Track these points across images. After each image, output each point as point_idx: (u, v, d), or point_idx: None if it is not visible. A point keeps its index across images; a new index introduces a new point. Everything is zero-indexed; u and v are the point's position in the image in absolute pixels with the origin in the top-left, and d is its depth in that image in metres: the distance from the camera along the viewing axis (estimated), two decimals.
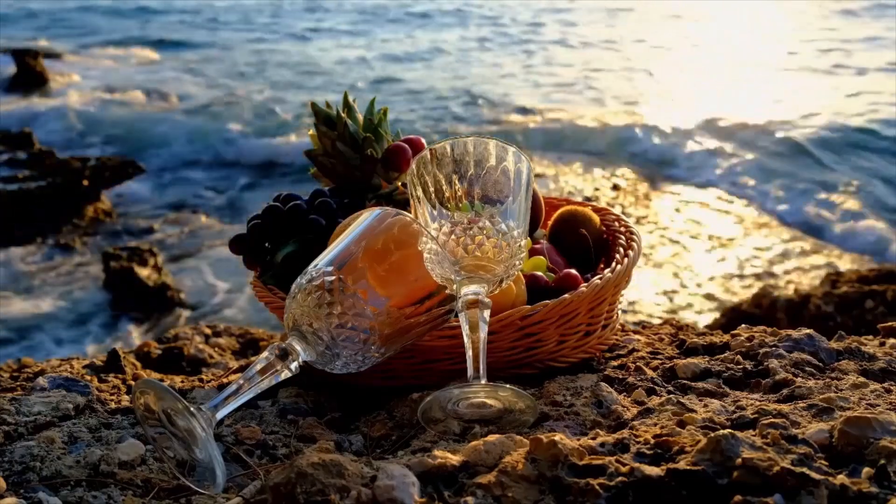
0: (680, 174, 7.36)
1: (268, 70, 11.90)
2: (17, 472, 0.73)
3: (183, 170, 7.84)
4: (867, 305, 2.83)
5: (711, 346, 1.01)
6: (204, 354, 1.57)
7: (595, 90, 10.43)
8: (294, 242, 1.04)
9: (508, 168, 0.86)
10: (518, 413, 0.78)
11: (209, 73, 11.67)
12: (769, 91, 10.00)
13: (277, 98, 10.16)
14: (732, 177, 7.21)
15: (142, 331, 4.76)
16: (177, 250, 5.91)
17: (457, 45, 13.72)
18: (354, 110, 1.17)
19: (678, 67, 11.72)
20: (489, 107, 9.72)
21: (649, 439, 0.68)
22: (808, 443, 0.64)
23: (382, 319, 0.77)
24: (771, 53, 12.31)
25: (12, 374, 1.13)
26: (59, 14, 16.70)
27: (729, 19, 16.36)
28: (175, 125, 9.06)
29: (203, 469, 0.70)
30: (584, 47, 13.41)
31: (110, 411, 0.91)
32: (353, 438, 0.83)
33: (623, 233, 1.10)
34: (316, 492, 0.58)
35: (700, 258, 5.53)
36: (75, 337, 4.76)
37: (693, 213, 6.41)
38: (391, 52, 13.16)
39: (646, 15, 17.08)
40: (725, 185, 7.07)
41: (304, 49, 13.59)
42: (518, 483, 0.60)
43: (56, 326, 4.87)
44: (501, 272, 0.83)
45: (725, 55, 12.48)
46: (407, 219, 0.82)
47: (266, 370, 0.75)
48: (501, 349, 0.91)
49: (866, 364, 0.90)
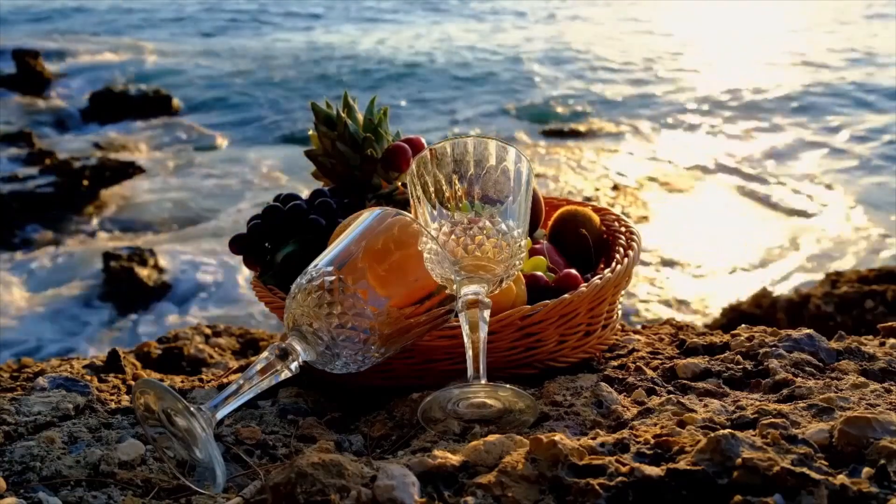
0: (680, 173, 7.36)
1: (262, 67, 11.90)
2: (17, 472, 0.73)
3: (183, 169, 7.84)
4: (867, 305, 2.83)
5: (711, 346, 1.01)
6: (204, 354, 1.57)
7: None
8: (294, 242, 1.04)
9: (508, 168, 0.86)
10: (518, 413, 0.78)
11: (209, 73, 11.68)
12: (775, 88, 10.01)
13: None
14: (732, 176, 7.21)
15: (141, 331, 4.76)
16: (177, 250, 5.90)
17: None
18: (354, 110, 1.17)
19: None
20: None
21: (649, 439, 0.68)
22: (808, 443, 0.64)
23: (382, 319, 0.77)
24: (793, 47, 12.31)
25: (12, 374, 1.13)
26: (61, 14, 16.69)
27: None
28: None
29: (203, 469, 0.70)
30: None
31: (110, 411, 0.91)
32: (353, 438, 0.83)
33: (623, 233, 1.10)
34: (316, 492, 0.58)
35: (700, 258, 5.52)
36: (75, 337, 4.76)
37: (693, 212, 6.41)
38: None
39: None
40: (726, 184, 7.06)
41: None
42: (518, 483, 0.60)
43: (56, 326, 4.87)
44: (501, 272, 0.83)
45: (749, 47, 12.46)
46: (407, 219, 0.82)
47: (266, 370, 0.75)
48: (501, 349, 0.91)
49: (866, 364, 0.90)
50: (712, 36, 14.17)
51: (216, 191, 7.28)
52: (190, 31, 15.22)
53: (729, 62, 11.81)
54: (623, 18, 16.58)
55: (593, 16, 16.23)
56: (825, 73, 10.83)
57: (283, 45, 13.74)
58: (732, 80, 10.48)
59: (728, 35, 14.30)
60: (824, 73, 10.83)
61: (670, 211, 6.45)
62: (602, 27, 15.22)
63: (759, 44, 13.21)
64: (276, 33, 14.96)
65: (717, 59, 12.13)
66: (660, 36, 14.18)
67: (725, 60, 11.99)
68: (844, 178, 7.01)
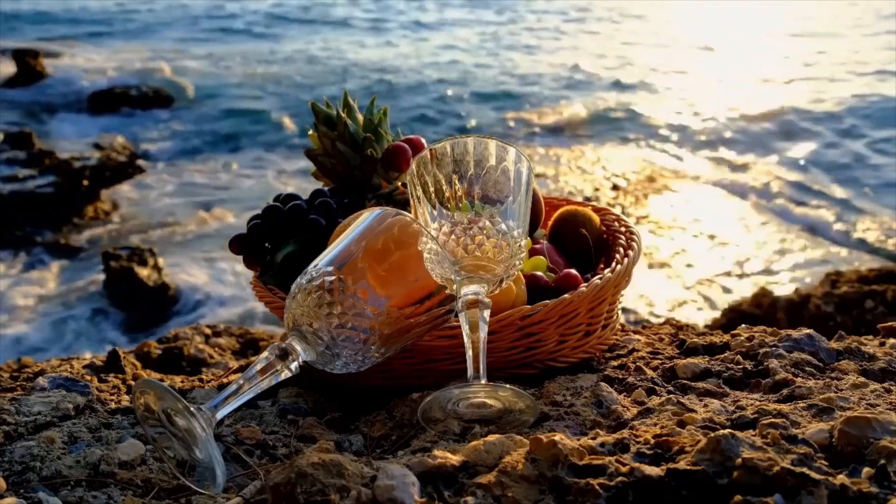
0: (680, 173, 7.36)
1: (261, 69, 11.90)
2: (17, 472, 0.73)
3: (183, 169, 7.84)
4: (867, 305, 2.83)
5: (711, 346, 1.01)
6: (204, 354, 1.57)
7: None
8: (294, 242, 1.04)
9: (508, 168, 0.86)
10: (518, 413, 0.78)
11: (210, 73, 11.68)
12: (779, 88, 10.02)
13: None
14: (732, 176, 7.21)
15: (141, 331, 4.76)
16: (177, 250, 5.90)
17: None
18: (354, 110, 1.17)
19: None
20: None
21: (649, 439, 0.68)
22: (808, 443, 0.64)
23: (382, 319, 0.77)
24: (795, 52, 12.31)
25: (12, 374, 1.13)
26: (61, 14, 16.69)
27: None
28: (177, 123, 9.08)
29: (203, 469, 0.70)
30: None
31: (110, 411, 0.91)
32: (353, 438, 0.83)
33: (623, 233, 1.10)
34: (316, 492, 0.58)
35: (700, 258, 5.53)
36: (75, 337, 4.76)
37: (693, 212, 6.41)
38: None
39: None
40: (726, 184, 7.07)
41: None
42: (518, 483, 0.60)
43: (56, 326, 4.87)
44: (501, 272, 0.83)
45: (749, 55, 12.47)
46: (407, 219, 0.82)
47: (266, 370, 0.75)
48: (501, 349, 0.91)
49: (866, 364, 0.90)
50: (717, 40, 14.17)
51: (216, 191, 7.28)
52: (192, 32, 15.22)
53: (730, 65, 11.81)
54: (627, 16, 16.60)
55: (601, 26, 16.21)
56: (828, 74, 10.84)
57: (284, 48, 13.75)
58: (733, 82, 10.48)
59: (729, 37, 14.31)
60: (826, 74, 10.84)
61: (670, 211, 6.45)
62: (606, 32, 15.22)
63: (762, 47, 13.20)
64: (277, 36, 14.96)
65: (719, 62, 12.12)
66: (662, 38, 14.18)
67: (727, 64, 11.99)
68: (844, 178, 7.01)
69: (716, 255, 5.58)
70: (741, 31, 14.74)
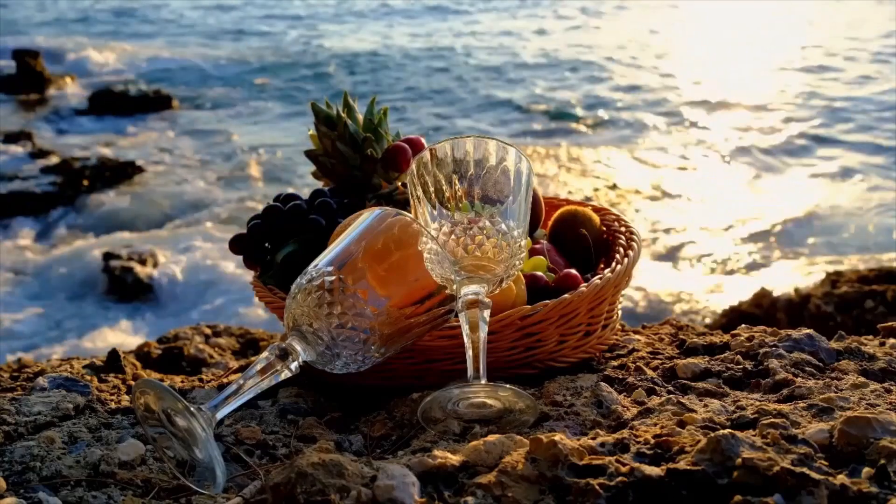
0: (680, 172, 7.36)
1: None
2: (17, 472, 0.73)
3: (183, 169, 7.84)
4: (867, 305, 2.83)
5: (711, 346, 1.01)
6: (204, 354, 1.57)
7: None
8: (294, 242, 1.04)
9: (508, 168, 0.86)
10: (518, 413, 0.78)
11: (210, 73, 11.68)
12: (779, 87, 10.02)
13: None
14: (733, 176, 7.21)
15: (141, 331, 4.76)
16: (177, 249, 5.90)
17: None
18: (354, 110, 1.17)
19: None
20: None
21: (649, 439, 0.68)
22: (808, 443, 0.64)
23: (382, 319, 0.77)
24: (791, 51, 12.31)
25: (12, 374, 1.13)
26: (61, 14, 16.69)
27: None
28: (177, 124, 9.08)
29: (203, 469, 0.70)
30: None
31: (110, 411, 0.91)
32: (353, 438, 0.83)
33: (623, 233, 1.10)
34: (316, 492, 0.58)
35: (700, 257, 5.52)
36: (75, 337, 4.76)
37: (693, 212, 6.41)
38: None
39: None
40: (726, 184, 7.07)
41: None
42: (518, 483, 0.60)
43: (56, 326, 4.87)
44: (501, 272, 0.83)
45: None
46: (407, 219, 0.82)
47: (266, 370, 0.75)
48: (501, 349, 0.91)
49: (866, 364, 0.90)
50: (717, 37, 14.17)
51: (216, 191, 7.28)
52: (191, 31, 15.22)
53: (731, 64, 11.80)
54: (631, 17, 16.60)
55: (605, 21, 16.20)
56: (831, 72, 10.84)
57: (284, 45, 13.75)
58: (734, 82, 10.48)
59: (730, 36, 14.30)
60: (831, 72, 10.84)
61: (670, 211, 6.45)
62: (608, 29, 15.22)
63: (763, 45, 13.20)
64: (277, 33, 14.97)
65: (720, 61, 12.12)
66: (664, 37, 14.18)
67: (728, 61, 11.98)
68: (845, 177, 7.01)
69: (716, 254, 5.58)
70: (745, 30, 14.73)
